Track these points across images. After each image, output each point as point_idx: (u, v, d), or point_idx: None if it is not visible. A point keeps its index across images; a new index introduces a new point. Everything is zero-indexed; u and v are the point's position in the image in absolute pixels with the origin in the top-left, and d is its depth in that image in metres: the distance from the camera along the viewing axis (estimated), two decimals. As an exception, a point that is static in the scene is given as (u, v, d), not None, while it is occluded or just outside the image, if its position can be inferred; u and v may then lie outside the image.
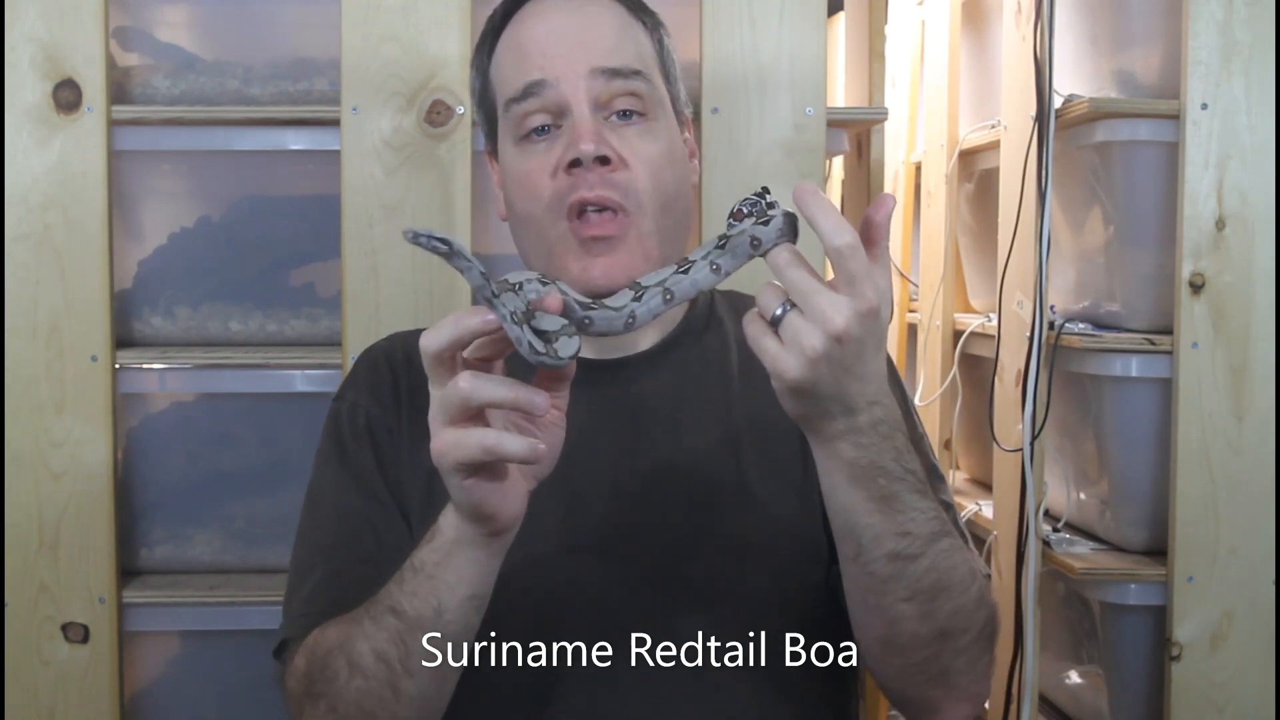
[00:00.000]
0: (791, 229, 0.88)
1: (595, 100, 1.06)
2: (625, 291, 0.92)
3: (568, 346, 0.86)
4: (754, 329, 0.87)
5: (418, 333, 1.21)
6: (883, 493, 0.90)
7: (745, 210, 0.91)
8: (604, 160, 1.05)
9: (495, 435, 0.84)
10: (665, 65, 1.14)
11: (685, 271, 0.91)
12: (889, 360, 1.14)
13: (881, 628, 0.97)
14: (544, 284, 0.89)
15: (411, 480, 1.08)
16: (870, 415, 0.88)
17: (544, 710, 1.03)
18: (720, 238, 0.90)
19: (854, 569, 0.95)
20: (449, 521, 0.90)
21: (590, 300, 0.91)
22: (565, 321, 0.87)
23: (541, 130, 1.08)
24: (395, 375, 1.14)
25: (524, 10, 1.12)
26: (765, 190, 0.92)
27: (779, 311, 0.85)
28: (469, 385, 0.83)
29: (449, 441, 0.84)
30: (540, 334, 0.86)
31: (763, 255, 0.88)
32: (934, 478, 1.09)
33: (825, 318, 0.83)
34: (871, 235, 0.84)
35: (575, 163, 1.04)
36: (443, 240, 0.84)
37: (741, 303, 1.18)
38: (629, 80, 1.07)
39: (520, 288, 0.87)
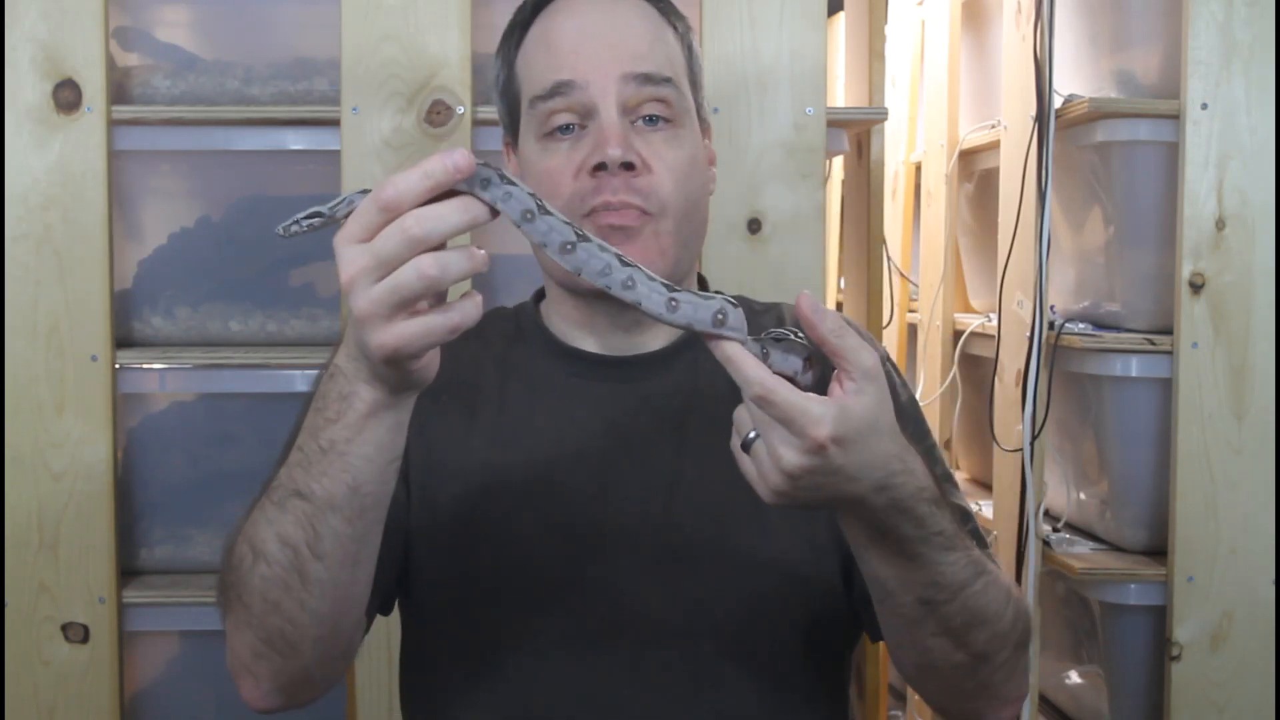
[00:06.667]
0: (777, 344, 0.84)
1: (624, 104, 1.05)
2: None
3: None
4: (735, 445, 0.85)
5: None
6: (905, 553, 0.88)
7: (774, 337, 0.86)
8: (629, 166, 1.03)
9: (437, 263, 0.80)
10: (693, 72, 1.12)
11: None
12: (898, 376, 1.13)
13: (916, 657, 0.97)
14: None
15: (416, 447, 1.05)
16: (880, 499, 0.84)
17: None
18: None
19: (882, 609, 0.94)
20: (362, 394, 0.84)
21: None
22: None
23: (566, 129, 1.06)
24: None
25: (555, 5, 1.10)
26: (798, 335, 0.86)
27: (751, 435, 0.83)
28: (437, 269, 0.79)
29: (411, 332, 0.78)
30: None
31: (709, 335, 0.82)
32: (948, 484, 1.07)
33: (777, 455, 0.81)
34: (810, 329, 0.80)
35: (600, 166, 1.03)
36: (314, 214, 0.77)
37: (751, 313, 1.17)
38: (659, 87, 1.05)
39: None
